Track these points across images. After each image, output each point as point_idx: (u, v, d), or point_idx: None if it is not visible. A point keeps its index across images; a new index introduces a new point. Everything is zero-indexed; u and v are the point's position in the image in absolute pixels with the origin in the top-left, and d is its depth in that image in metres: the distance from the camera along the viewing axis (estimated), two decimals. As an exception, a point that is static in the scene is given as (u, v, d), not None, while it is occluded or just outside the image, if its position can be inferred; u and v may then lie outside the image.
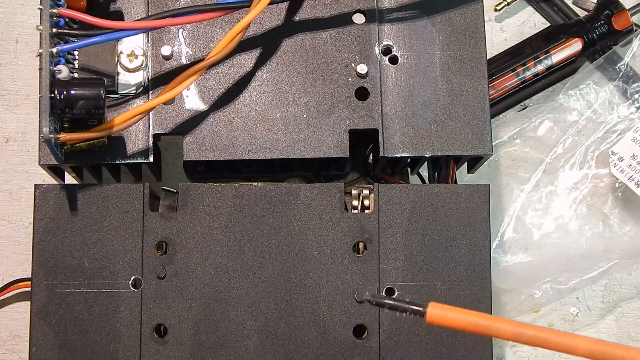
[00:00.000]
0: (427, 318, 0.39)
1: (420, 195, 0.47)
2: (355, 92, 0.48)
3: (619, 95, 0.60)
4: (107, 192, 0.47)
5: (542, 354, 0.58)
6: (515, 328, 0.38)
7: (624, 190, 0.58)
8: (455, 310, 0.39)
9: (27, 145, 0.60)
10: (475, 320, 0.39)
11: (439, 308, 0.39)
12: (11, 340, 0.57)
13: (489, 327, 0.38)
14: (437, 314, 0.39)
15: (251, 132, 0.47)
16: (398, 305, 0.40)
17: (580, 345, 0.38)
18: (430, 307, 0.39)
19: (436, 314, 0.39)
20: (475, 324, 0.39)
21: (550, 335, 0.38)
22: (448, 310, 0.39)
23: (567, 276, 0.58)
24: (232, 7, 0.45)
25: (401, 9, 0.49)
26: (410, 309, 0.39)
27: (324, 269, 0.47)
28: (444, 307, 0.39)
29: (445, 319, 0.39)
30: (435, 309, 0.39)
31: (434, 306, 0.39)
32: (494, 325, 0.38)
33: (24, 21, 0.62)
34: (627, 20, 0.60)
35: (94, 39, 0.44)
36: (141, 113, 0.45)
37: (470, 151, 0.47)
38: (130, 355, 0.46)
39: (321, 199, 0.47)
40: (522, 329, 0.38)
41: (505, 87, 0.59)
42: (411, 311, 0.39)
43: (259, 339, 0.46)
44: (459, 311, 0.39)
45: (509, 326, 0.38)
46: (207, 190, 0.47)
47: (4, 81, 0.61)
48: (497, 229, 0.58)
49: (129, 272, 0.46)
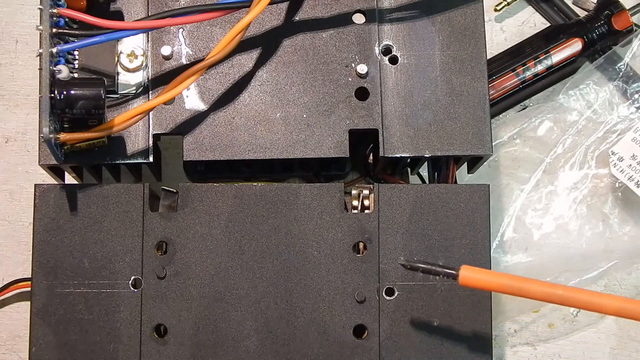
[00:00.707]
0: (460, 280, 0.41)
1: (420, 195, 0.47)
2: (355, 92, 0.48)
3: (619, 95, 0.60)
4: (107, 192, 0.47)
5: (542, 353, 0.58)
6: (545, 288, 0.40)
7: (624, 190, 0.58)
8: (487, 272, 0.41)
9: (27, 145, 0.60)
10: (507, 282, 0.41)
11: (470, 270, 0.41)
12: (11, 340, 0.57)
13: (520, 288, 0.41)
14: (469, 276, 0.41)
15: (251, 132, 0.47)
16: (431, 269, 0.43)
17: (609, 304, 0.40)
18: (462, 269, 0.41)
19: (468, 276, 0.41)
20: (507, 285, 0.41)
21: (578, 295, 0.40)
22: (479, 272, 0.41)
23: (567, 276, 0.58)
24: (232, 7, 0.45)
25: (401, 9, 0.49)
26: (443, 272, 0.42)
27: (324, 269, 0.47)
28: (476, 270, 0.41)
29: (477, 281, 0.41)
30: (467, 271, 0.41)
31: (466, 269, 0.41)
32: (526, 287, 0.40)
33: (24, 21, 0.62)
34: (627, 20, 0.60)
35: (94, 39, 0.44)
36: (141, 113, 0.45)
37: (470, 151, 0.47)
38: (130, 355, 0.46)
39: (321, 199, 0.47)
40: (552, 289, 0.40)
41: (505, 87, 0.59)
42: (444, 274, 0.42)
43: (259, 339, 0.46)
44: (490, 273, 0.41)
45: (539, 287, 0.40)
46: (207, 190, 0.47)
47: (4, 81, 0.61)
48: (497, 229, 0.58)
49: (129, 272, 0.46)
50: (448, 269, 0.42)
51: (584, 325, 0.59)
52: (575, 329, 0.58)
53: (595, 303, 0.40)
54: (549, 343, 0.58)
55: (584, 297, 0.40)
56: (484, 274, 0.42)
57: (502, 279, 0.41)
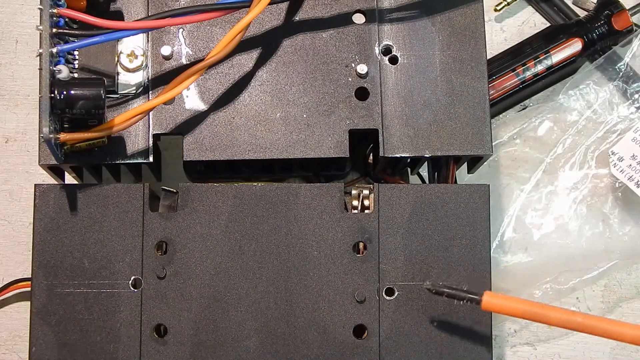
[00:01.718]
0: (483, 306, 0.44)
1: (420, 195, 0.47)
2: (355, 92, 0.48)
3: (619, 95, 0.60)
4: (107, 192, 0.47)
5: (542, 353, 0.58)
6: (565, 316, 0.42)
7: (624, 190, 0.58)
8: (509, 299, 0.43)
9: (27, 145, 0.60)
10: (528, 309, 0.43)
11: (493, 297, 0.43)
12: (11, 340, 0.57)
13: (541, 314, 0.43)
14: (491, 301, 0.43)
15: (251, 132, 0.47)
16: (455, 294, 0.45)
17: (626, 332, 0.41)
18: (485, 295, 0.43)
19: (491, 301, 0.43)
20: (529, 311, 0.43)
21: (597, 323, 0.42)
22: (502, 299, 0.43)
23: (567, 276, 0.58)
24: (232, 7, 0.45)
25: (401, 9, 0.49)
26: (467, 297, 0.44)
27: (324, 269, 0.47)
28: (499, 296, 0.43)
29: (499, 307, 0.43)
30: (490, 297, 0.43)
31: (489, 295, 0.43)
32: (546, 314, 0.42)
33: (24, 21, 0.62)
34: (627, 20, 0.60)
35: (94, 39, 0.44)
36: (141, 113, 0.45)
37: (470, 151, 0.47)
38: (130, 355, 0.46)
39: (321, 199, 0.47)
40: (571, 316, 0.42)
41: (505, 87, 0.59)
42: (468, 299, 0.44)
43: (259, 339, 0.46)
44: (512, 300, 0.43)
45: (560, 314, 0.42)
46: (207, 190, 0.47)
47: (4, 81, 0.61)
48: (497, 229, 0.58)
49: (129, 272, 0.46)
50: (471, 294, 0.44)
51: (584, 325, 0.59)
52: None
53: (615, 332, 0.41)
54: (549, 343, 0.58)
55: (602, 325, 0.42)
56: (506, 300, 0.44)
57: (524, 305, 0.43)
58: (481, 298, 0.43)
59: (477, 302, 0.44)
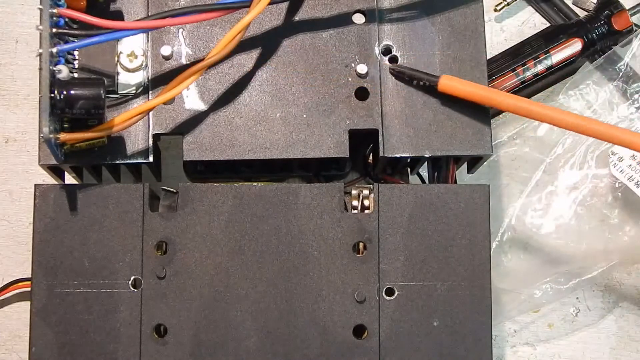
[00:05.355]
0: (439, 87, 0.46)
1: (420, 195, 0.47)
2: (355, 92, 0.48)
3: (618, 96, 0.60)
4: (107, 192, 0.47)
5: (542, 353, 0.58)
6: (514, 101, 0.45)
7: (623, 190, 0.58)
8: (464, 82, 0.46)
9: (27, 145, 0.60)
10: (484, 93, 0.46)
11: (450, 79, 0.46)
12: (11, 340, 0.57)
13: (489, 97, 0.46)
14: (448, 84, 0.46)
15: (251, 132, 0.47)
16: (415, 75, 0.47)
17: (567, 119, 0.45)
18: (442, 77, 0.46)
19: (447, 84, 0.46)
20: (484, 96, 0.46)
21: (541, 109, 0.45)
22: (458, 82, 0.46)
23: (567, 276, 0.58)
24: (232, 7, 0.45)
25: (401, 9, 0.49)
26: (425, 78, 0.47)
27: (324, 269, 0.47)
28: (454, 79, 0.46)
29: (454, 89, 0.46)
30: (447, 79, 0.46)
31: (446, 77, 0.46)
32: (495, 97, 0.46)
33: (24, 21, 0.62)
34: (627, 21, 0.60)
35: (94, 39, 0.44)
36: (141, 113, 0.45)
37: (470, 151, 0.47)
38: (130, 355, 0.46)
39: (321, 199, 0.47)
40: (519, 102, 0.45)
41: (505, 87, 0.59)
42: (426, 80, 0.47)
43: (259, 339, 0.46)
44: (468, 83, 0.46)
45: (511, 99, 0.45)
46: (207, 190, 0.47)
47: (4, 81, 0.61)
48: (497, 229, 0.58)
49: (128, 272, 0.46)
50: (430, 75, 0.47)
51: (584, 325, 0.59)
52: (575, 329, 0.58)
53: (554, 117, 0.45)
54: (549, 343, 0.58)
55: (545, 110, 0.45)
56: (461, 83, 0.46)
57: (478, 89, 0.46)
58: (438, 80, 0.46)
59: (434, 84, 0.46)
